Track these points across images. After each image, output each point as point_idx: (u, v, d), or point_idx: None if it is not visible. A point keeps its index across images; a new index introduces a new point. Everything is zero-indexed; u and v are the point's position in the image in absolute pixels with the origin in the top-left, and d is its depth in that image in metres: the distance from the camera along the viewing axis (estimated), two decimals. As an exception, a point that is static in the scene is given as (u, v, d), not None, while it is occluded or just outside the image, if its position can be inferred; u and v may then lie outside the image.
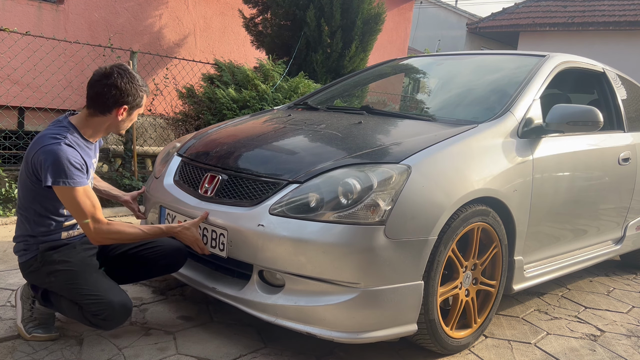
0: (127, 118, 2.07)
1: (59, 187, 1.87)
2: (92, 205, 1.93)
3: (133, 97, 2.02)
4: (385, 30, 7.37)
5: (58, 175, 1.86)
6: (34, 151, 1.91)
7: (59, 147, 1.88)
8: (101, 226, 1.95)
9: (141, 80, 2.06)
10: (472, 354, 2.33)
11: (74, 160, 1.90)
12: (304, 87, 5.03)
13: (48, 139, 1.91)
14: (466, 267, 2.27)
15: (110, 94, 1.97)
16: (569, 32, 12.07)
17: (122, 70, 2.01)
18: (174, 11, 6.74)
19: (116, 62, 2.07)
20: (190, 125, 5.00)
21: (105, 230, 1.96)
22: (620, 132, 3.42)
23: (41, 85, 5.23)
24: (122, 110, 2.02)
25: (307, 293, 1.96)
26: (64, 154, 1.87)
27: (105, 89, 1.97)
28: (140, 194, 2.59)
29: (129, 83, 1.99)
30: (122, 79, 1.98)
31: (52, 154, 1.86)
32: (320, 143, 2.41)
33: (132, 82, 2.01)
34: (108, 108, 2.00)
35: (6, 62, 5.00)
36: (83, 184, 1.91)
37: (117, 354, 2.03)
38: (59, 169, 1.86)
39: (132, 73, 2.04)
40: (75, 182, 1.88)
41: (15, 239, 2.06)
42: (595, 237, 3.21)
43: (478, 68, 3.40)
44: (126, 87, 1.99)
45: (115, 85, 1.97)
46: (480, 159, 2.31)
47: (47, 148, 1.88)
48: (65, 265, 1.98)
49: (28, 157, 1.94)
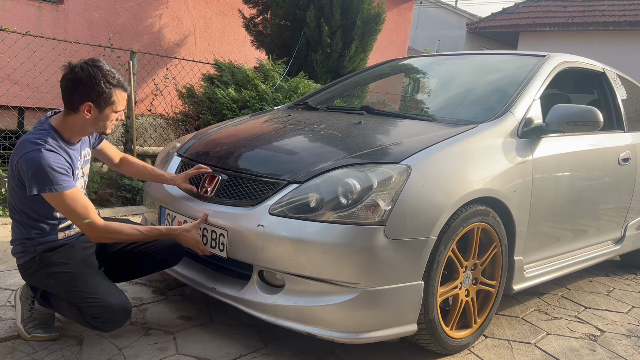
0: (100, 116, 1.92)
1: (46, 194, 1.84)
2: (83, 207, 1.90)
3: (98, 93, 1.87)
4: (385, 30, 7.38)
5: (42, 183, 1.81)
6: (17, 158, 1.86)
7: (39, 155, 1.81)
8: (97, 226, 1.94)
9: (111, 75, 1.90)
10: (472, 354, 2.33)
11: (57, 165, 1.84)
12: (304, 87, 5.04)
13: (29, 145, 1.84)
14: (466, 267, 2.27)
15: (73, 89, 1.86)
16: (569, 32, 12.07)
17: (87, 64, 1.87)
18: (174, 11, 6.74)
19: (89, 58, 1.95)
20: (190, 125, 5.00)
21: (102, 230, 1.95)
22: (620, 132, 3.42)
23: (41, 85, 5.23)
24: (87, 107, 1.88)
25: (307, 293, 1.96)
26: (45, 161, 1.81)
27: (69, 84, 1.86)
28: (193, 174, 2.37)
29: (91, 78, 1.85)
30: (84, 72, 1.85)
31: (34, 163, 1.80)
32: (320, 143, 2.41)
33: (96, 77, 1.86)
34: (75, 106, 1.89)
35: (6, 62, 5.00)
36: (70, 187, 1.87)
37: (117, 354, 2.03)
38: (43, 177, 1.81)
39: (99, 66, 1.88)
40: (62, 187, 1.84)
41: (13, 242, 2.04)
42: (595, 237, 3.21)
43: (478, 68, 3.40)
44: (88, 81, 1.85)
45: (77, 79, 1.85)
46: (480, 159, 2.31)
47: (28, 156, 1.82)
48: (64, 267, 1.96)
49: (12, 163, 1.89)
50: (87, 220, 1.91)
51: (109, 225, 1.97)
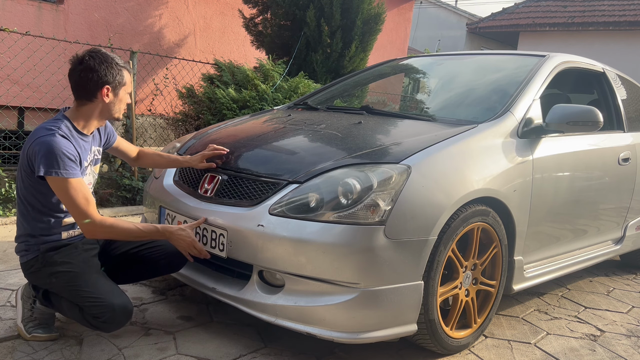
0: (116, 99, 2.05)
1: (51, 177, 1.88)
2: (84, 198, 1.92)
3: (112, 75, 2.00)
4: (385, 30, 7.37)
5: (51, 165, 1.86)
6: (30, 143, 1.93)
7: (52, 138, 1.89)
8: (93, 219, 1.94)
9: (117, 58, 2.04)
10: (472, 354, 2.33)
11: (67, 151, 1.90)
12: (304, 87, 5.03)
13: (43, 131, 1.93)
14: (466, 267, 2.27)
15: (88, 77, 1.96)
16: (569, 32, 12.07)
17: (93, 52, 2.00)
18: (174, 11, 6.74)
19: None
20: (190, 125, 5.00)
21: (98, 224, 1.95)
22: (620, 132, 3.42)
23: (41, 85, 5.23)
24: (105, 91, 2.00)
25: (307, 293, 1.96)
26: (57, 144, 1.88)
27: (82, 74, 1.96)
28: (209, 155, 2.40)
29: (103, 62, 1.98)
30: (95, 60, 1.97)
31: (46, 145, 1.87)
32: (320, 143, 2.41)
33: (107, 61, 1.99)
34: (92, 93, 1.99)
35: (6, 62, 5.00)
36: (76, 175, 1.92)
37: (117, 354, 2.03)
38: (52, 159, 1.86)
39: (105, 53, 2.02)
40: (68, 172, 1.89)
41: (17, 239, 2.06)
42: (595, 237, 3.21)
43: (478, 68, 3.40)
44: (101, 67, 1.97)
45: (90, 67, 1.96)
46: (480, 159, 2.31)
47: (41, 139, 1.89)
48: (66, 267, 1.98)
49: (24, 150, 1.96)
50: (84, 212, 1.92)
51: (105, 219, 1.97)
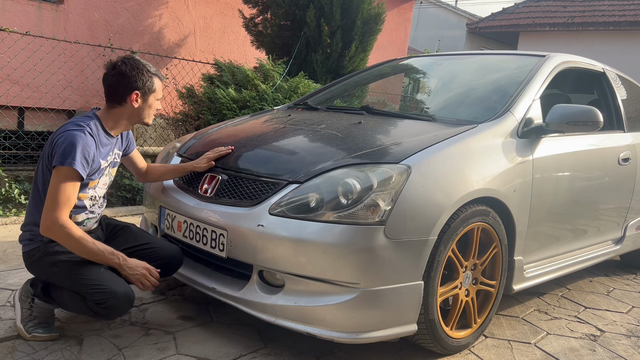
0: (145, 104, 2.13)
1: (60, 167, 1.91)
2: (68, 197, 1.94)
3: (142, 82, 2.08)
4: (385, 30, 7.37)
5: (66, 157, 1.92)
6: (57, 134, 1.99)
7: (79, 134, 1.96)
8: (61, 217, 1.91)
9: (150, 66, 2.12)
10: (472, 354, 2.33)
11: (86, 151, 1.96)
12: (304, 87, 5.03)
13: (73, 125, 2.00)
14: (466, 267, 2.27)
15: (119, 82, 2.06)
16: (569, 32, 12.07)
17: (127, 58, 2.10)
18: (174, 11, 6.73)
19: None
20: (190, 125, 5.00)
21: (59, 224, 1.91)
22: (620, 132, 3.42)
23: (41, 85, 5.23)
24: (134, 96, 2.08)
25: (307, 293, 1.96)
26: (81, 141, 1.95)
27: (114, 79, 2.06)
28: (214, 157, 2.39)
29: (134, 69, 2.06)
30: (127, 66, 2.06)
31: (71, 138, 1.94)
32: (320, 143, 2.41)
33: (138, 68, 2.08)
34: (122, 97, 2.08)
35: (6, 62, 5.00)
36: (80, 174, 1.95)
37: (117, 354, 2.03)
38: (70, 152, 1.92)
39: (138, 60, 2.11)
40: (77, 166, 1.93)
41: (23, 227, 2.09)
42: (595, 237, 3.21)
43: (478, 68, 3.40)
44: (132, 72, 2.06)
45: (122, 73, 2.05)
46: (480, 159, 2.31)
47: (69, 132, 1.96)
48: (67, 256, 2.00)
49: (51, 138, 2.01)
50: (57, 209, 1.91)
51: (70, 227, 1.93)
